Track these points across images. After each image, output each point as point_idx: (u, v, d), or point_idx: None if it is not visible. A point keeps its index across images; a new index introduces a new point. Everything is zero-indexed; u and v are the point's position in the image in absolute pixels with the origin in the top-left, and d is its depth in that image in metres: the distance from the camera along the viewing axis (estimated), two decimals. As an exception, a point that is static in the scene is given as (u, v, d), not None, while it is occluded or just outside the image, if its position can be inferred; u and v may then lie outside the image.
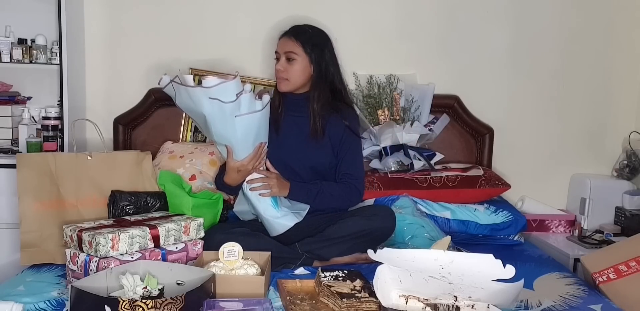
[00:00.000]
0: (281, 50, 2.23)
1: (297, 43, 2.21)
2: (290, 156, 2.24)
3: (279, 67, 2.23)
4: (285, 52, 2.22)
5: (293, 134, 2.27)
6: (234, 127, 2.00)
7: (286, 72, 2.22)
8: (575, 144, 2.99)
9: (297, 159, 2.24)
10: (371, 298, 1.64)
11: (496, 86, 2.93)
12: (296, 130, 2.27)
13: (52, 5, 2.61)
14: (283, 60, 2.22)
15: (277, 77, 2.25)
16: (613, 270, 1.97)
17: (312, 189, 2.20)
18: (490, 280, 1.53)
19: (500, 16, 2.89)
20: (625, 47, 2.95)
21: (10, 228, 2.43)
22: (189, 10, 2.78)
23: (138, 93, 2.75)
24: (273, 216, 2.14)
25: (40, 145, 2.60)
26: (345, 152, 2.26)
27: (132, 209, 2.15)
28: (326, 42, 2.27)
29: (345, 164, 2.26)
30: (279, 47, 2.25)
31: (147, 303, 1.46)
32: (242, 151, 2.08)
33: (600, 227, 2.74)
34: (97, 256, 1.78)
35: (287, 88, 2.25)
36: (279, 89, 2.27)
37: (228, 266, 1.80)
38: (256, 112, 2.00)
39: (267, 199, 2.15)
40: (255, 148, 2.09)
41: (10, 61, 2.63)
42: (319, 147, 2.24)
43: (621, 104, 2.98)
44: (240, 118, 1.98)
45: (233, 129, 2.00)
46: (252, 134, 2.05)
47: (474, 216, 2.47)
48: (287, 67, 2.22)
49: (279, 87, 2.26)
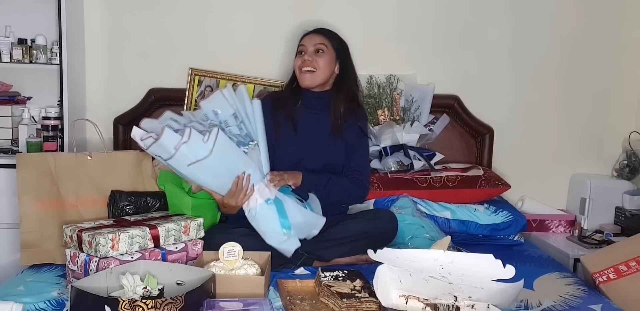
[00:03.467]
0: (309, 43, 2.29)
1: (326, 38, 2.31)
2: (308, 152, 2.25)
3: (307, 57, 2.26)
4: (315, 44, 2.28)
5: (312, 131, 2.29)
6: (195, 174, 1.90)
7: (315, 62, 2.26)
8: (575, 144, 2.99)
9: (314, 155, 2.26)
10: (371, 298, 1.64)
11: (496, 86, 2.93)
12: (315, 127, 2.30)
13: (52, 5, 2.61)
14: (311, 51, 2.27)
15: (302, 70, 2.27)
16: (613, 270, 1.97)
17: (322, 178, 2.22)
18: (490, 280, 1.53)
19: (500, 16, 2.89)
20: (626, 47, 2.95)
21: (10, 228, 2.43)
22: (189, 10, 2.78)
23: (138, 93, 2.75)
24: (278, 242, 2.01)
25: (40, 145, 2.60)
26: (355, 151, 2.32)
27: (132, 209, 2.15)
28: (347, 47, 2.38)
29: (354, 162, 2.31)
30: (306, 41, 2.30)
31: (147, 303, 1.46)
32: (219, 189, 1.98)
33: (600, 227, 2.74)
34: (97, 256, 1.78)
35: (311, 81, 2.28)
36: (302, 83, 2.29)
37: (228, 266, 1.80)
38: (205, 159, 1.83)
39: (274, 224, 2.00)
40: (234, 184, 1.95)
41: (10, 60, 2.63)
42: (335, 146, 2.29)
43: (621, 104, 2.98)
44: (194, 166, 1.84)
45: (195, 176, 1.91)
46: (219, 173, 1.92)
47: (474, 216, 2.47)
48: (315, 58, 2.26)
49: (302, 81, 2.29)
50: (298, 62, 2.30)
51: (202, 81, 2.74)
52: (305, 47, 2.30)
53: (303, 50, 2.30)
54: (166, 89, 2.76)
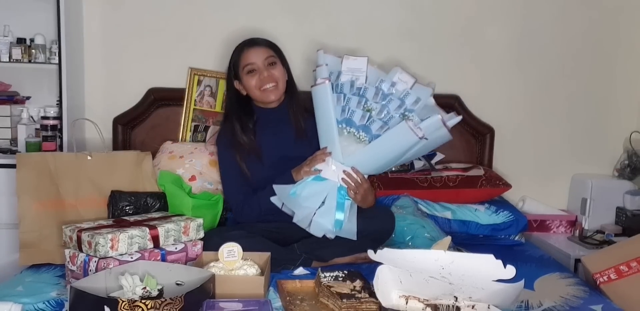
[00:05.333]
0: (258, 59, 2.22)
1: (270, 49, 2.26)
2: (280, 168, 2.18)
3: (265, 73, 2.21)
4: (266, 58, 2.23)
5: (277, 148, 2.24)
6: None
7: (272, 76, 2.22)
8: (576, 144, 2.98)
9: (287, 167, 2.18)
10: (371, 299, 1.63)
11: (497, 85, 2.92)
12: (279, 143, 2.25)
13: (51, 5, 2.60)
14: (263, 66, 2.22)
15: (263, 89, 2.22)
16: (614, 270, 1.97)
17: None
18: (490, 280, 1.53)
19: (501, 15, 2.88)
20: (627, 47, 2.95)
21: (9, 228, 2.42)
22: (189, 10, 2.78)
23: (137, 93, 2.75)
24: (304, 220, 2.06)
25: (39, 145, 2.59)
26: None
27: (131, 210, 2.15)
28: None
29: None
30: (253, 57, 2.23)
31: (147, 304, 1.46)
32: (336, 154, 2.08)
33: (601, 227, 2.74)
34: (97, 256, 1.78)
35: (277, 95, 2.26)
36: (270, 99, 2.25)
37: (228, 267, 1.80)
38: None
39: (315, 201, 2.06)
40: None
41: (9, 60, 2.62)
42: (309, 145, 2.22)
43: (622, 103, 2.98)
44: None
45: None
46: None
47: (475, 216, 2.46)
48: (271, 72, 2.23)
49: (266, 98, 2.25)
50: (252, 82, 2.22)
51: (202, 80, 2.74)
52: (256, 64, 2.22)
53: (254, 69, 2.22)
54: (166, 88, 2.76)
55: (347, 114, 2.06)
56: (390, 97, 2.07)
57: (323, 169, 2.08)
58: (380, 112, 2.05)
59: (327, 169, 2.08)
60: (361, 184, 2.08)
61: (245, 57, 2.24)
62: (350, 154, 2.05)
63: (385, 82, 2.09)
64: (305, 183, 2.08)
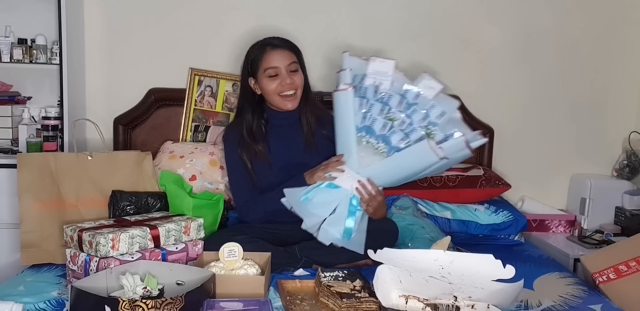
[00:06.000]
0: (282, 64, 2.14)
1: (293, 53, 2.18)
2: (287, 175, 2.14)
3: (288, 80, 2.13)
4: (290, 63, 2.15)
5: (286, 154, 2.21)
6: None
7: (294, 83, 2.15)
8: (576, 144, 2.99)
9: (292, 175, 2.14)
10: (371, 298, 1.64)
11: (497, 85, 2.93)
12: (288, 149, 2.22)
13: (52, 5, 2.61)
14: (286, 72, 2.14)
15: (283, 94, 2.16)
16: (613, 270, 1.97)
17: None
18: (490, 280, 1.53)
19: (501, 16, 2.88)
20: (626, 47, 2.95)
21: (10, 228, 2.43)
22: (189, 10, 2.78)
23: (138, 93, 2.75)
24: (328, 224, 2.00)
25: (40, 145, 2.60)
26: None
27: (132, 210, 2.15)
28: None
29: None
30: (278, 61, 2.14)
31: (147, 303, 1.46)
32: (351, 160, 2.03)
33: (600, 227, 2.74)
34: (97, 256, 1.78)
35: (294, 104, 2.17)
36: (284, 107, 2.18)
37: (228, 267, 1.80)
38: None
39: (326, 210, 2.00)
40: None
41: (10, 60, 2.62)
42: (318, 154, 2.20)
43: (621, 104, 2.98)
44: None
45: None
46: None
47: (474, 216, 2.47)
48: (293, 79, 2.15)
49: (284, 106, 2.17)
50: (272, 85, 2.14)
51: (202, 80, 2.74)
52: (279, 68, 2.13)
53: (276, 73, 2.13)
54: (166, 89, 2.76)
55: (368, 121, 1.98)
56: (415, 108, 1.97)
57: (338, 176, 2.03)
58: (403, 123, 1.96)
59: (342, 177, 2.02)
60: (375, 197, 2.01)
61: (268, 59, 2.16)
62: (366, 166, 1.99)
63: (411, 91, 1.99)
64: (318, 189, 2.02)
